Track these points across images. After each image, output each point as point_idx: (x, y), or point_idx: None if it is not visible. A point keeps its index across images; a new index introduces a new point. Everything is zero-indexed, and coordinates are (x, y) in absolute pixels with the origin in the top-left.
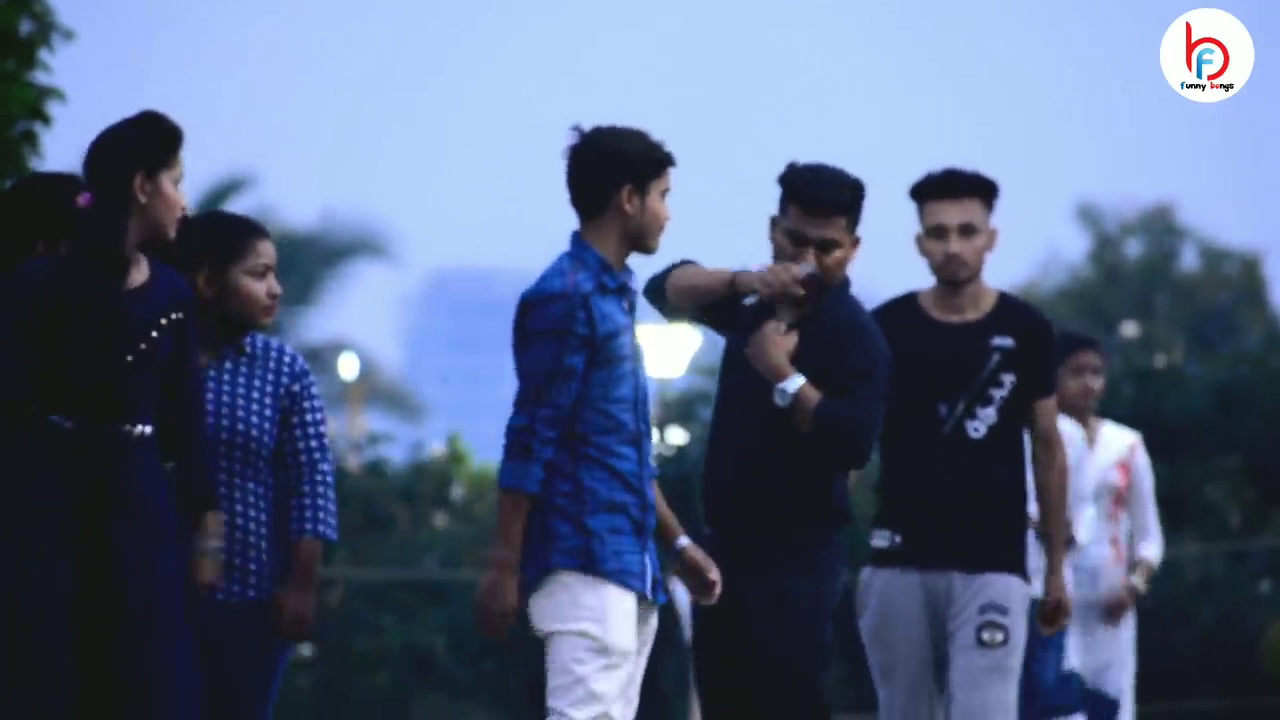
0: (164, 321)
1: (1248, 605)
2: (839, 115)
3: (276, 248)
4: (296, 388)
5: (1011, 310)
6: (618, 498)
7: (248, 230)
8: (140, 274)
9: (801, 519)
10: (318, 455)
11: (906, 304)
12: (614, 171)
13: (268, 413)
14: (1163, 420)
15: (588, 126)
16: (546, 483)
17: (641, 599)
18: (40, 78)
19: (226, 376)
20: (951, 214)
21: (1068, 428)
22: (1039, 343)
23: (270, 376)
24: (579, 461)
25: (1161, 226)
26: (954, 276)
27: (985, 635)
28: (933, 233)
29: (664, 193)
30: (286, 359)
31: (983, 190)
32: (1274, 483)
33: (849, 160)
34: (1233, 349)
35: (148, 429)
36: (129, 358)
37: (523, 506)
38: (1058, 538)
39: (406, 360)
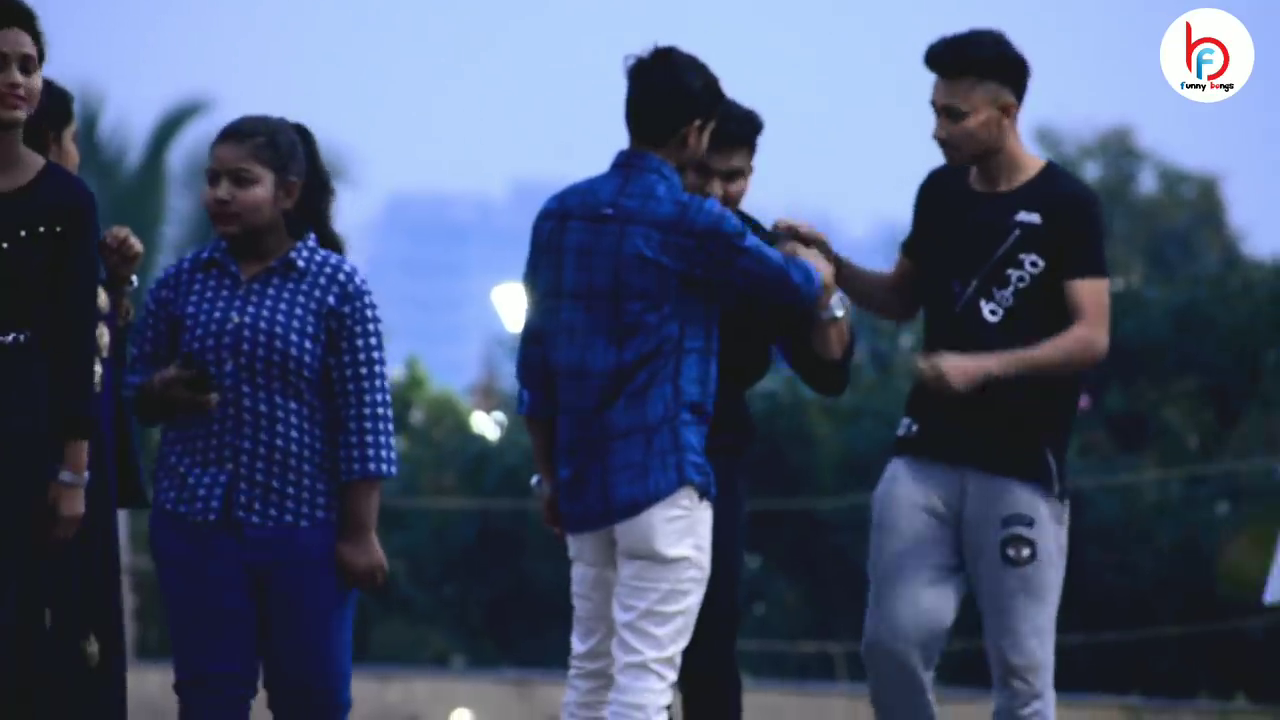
0: (24, 233)
1: (1205, 528)
2: (806, 65)
3: None
4: (346, 309)
5: (1047, 183)
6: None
7: None
8: (13, 179)
9: (723, 440)
10: (366, 385)
11: (958, 169)
12: (689, 102)
13: (309, 330)
14: (1121, 343)
15: (661, 45)
16: (682, 390)
17: None
18: None
19: (271, 291)
20: (939, 93)
21: None
22: (1070, 218)
23: (317, 294)
24: (708, 379)
25: (1120, 149)
26: (949, 160)
27: (1010, 551)
28: (934, 108)
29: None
30: (341, 276)
31: (979, 67)
32: (1231, 405)
33: (812, 108)
34: (1191, 271)
35: (4, 339)
36: None
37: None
38: (1021, 357)
39: None
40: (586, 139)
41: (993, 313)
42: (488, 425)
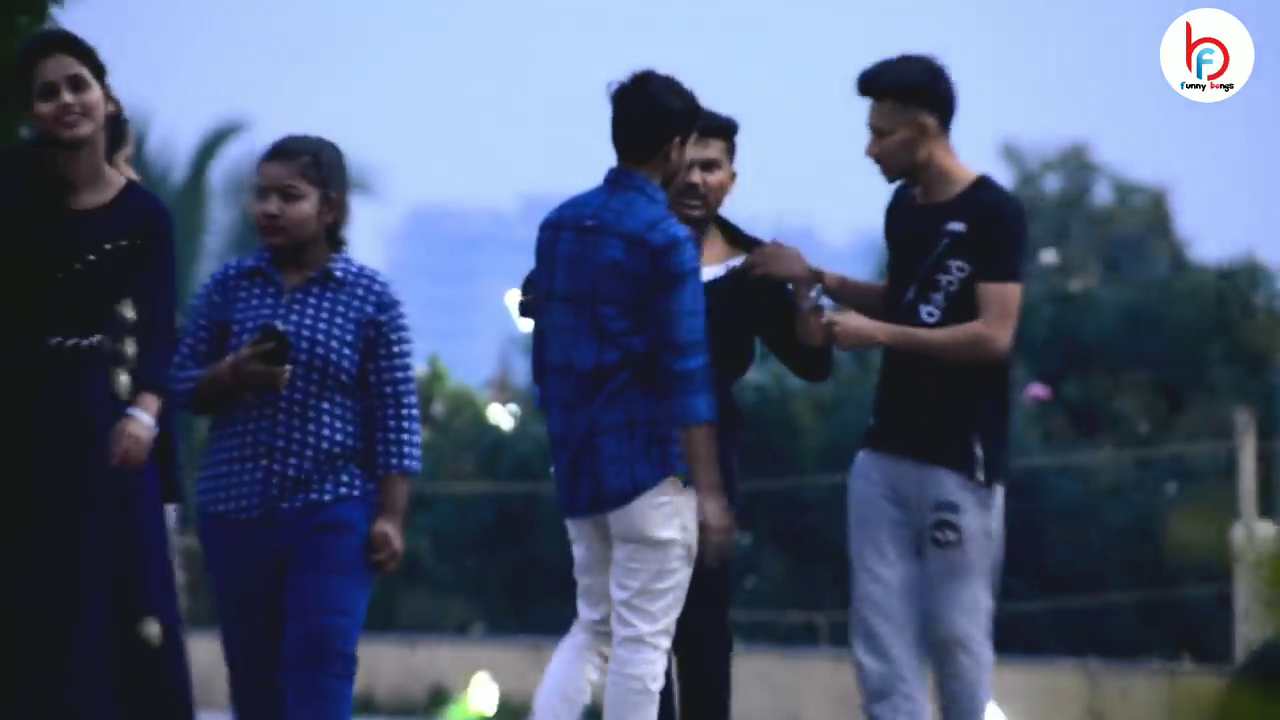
0: (109, 246)
1: (1154, 507)
2: (790, 66)
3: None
4: (383, 318)
5: (975, 193)
6: None
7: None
8: (99, 196)
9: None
10: (404, 388)
11: (913, 187)
12: (669, 124)
13: (348, 338)
14: (1078, 339)
15: (639, 71)
16: (652, 398)
17: None
18: None
19: (312, 301)
20: (870, 114)
21: None
22: (988, 224)
23: (355, 304)
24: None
25: (1077, 163)
26: (882, 175)
27: (938, 535)
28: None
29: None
30: (377, 288)
31: (892, 91)
32: (1178, 395)
33: (804, 109)
34: (1142, 275)
35: (83, 341)
36: (59, 274)
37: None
38: (913, 335)
39: None
40: (589, 157)
41: (930, 315)
42: (503, 417)
